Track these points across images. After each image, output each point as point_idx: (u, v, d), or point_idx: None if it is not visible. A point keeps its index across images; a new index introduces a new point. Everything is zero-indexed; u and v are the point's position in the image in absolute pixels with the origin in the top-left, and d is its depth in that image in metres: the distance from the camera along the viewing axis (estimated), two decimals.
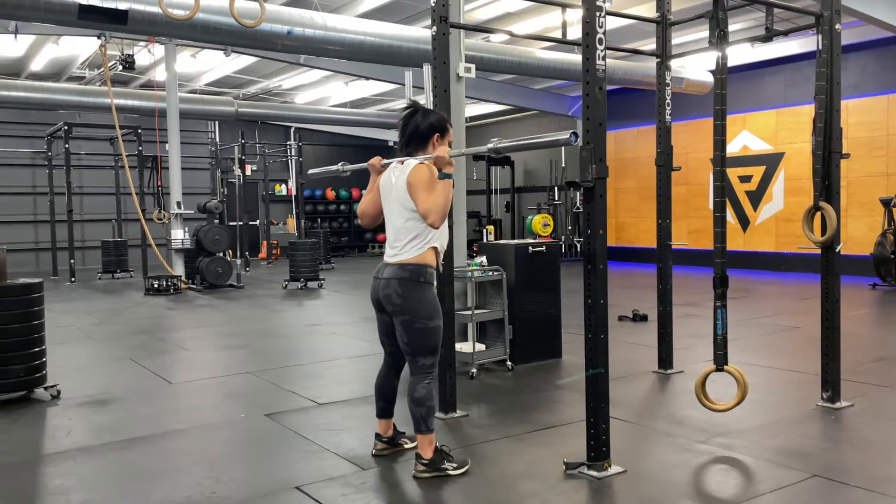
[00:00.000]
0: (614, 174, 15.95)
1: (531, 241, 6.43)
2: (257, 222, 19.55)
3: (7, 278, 5.08)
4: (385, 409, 3.83)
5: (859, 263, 11.78)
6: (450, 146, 3.63)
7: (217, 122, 19.43)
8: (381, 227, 3.74)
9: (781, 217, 13.78)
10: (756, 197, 14.17)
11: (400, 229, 3.54)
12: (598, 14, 3.41)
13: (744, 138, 14.29)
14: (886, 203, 10.84)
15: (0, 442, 4.26)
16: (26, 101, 14.10)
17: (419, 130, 3.56)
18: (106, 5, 7.95)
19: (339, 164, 4.21)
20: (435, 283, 3.69)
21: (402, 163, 3.56)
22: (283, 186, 21.02)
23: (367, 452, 3.84)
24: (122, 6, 8.05)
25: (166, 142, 12.63)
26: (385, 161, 3.74)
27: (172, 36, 10.85)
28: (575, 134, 3.03)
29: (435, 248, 3.54)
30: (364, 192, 3.84)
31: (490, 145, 3.41)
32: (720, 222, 4.10)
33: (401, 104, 18.64)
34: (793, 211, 13.48)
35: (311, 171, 4.60)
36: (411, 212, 3.47)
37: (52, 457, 3.99)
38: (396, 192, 3.53)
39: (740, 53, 13.23)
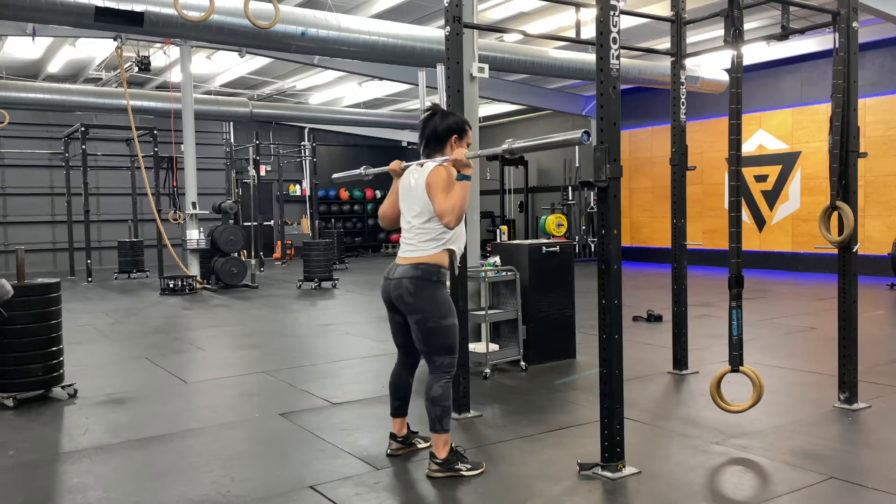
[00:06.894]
0: (629, 174, 15.90)
1: (545, 241, 6.41)
2: (272, 222, 19.67)
3: (25, 278, 5.14)
4: (399, 407, 3.84)
5: (877, 263, 11.67)
6: (468, 147, 3.65)
7: (232, 123, 19.57)
8: (396, 228, 3.75)
9: (798, 217, 13.67)
10: (772, 196, 14.05)
11: (416, 229, 3.56)
12: (612, 13, 3.40)
13: (759, 137, 14.17)
14: None
15: (18, 440, 4.31)
16: (44, 103, 14.28)
17: (437, 132, 3.60)
18: (122, 7, 8.02)
19: (362, 168, 4.30)
20: (448, 283, 3.69)
21: (422, 165, 3.60)
22: (298, 187, 21.11)
23: (381, 452, 3.85)
24: (138, 8, 8.12)
25: (181, 142, 12.73)
26: (405, 164, 3.79)
27: (187, 37, 10.92)
28: (587, 133, 3.03)
29: (451, 251, 3.57)
30: (381, 193, 3.88)
31: (504, 146, 3.42)
32: (736, 222, 4.07)
33: (414, 104, 18.67)
34: (809, 210, 13.37)
35: (335, 176, 4.67)
36: (430, 213, 3.50)
37: (69, 455, 4.02)
38: (415, 193, 3.57)
39: (756, 52, 13.13)
